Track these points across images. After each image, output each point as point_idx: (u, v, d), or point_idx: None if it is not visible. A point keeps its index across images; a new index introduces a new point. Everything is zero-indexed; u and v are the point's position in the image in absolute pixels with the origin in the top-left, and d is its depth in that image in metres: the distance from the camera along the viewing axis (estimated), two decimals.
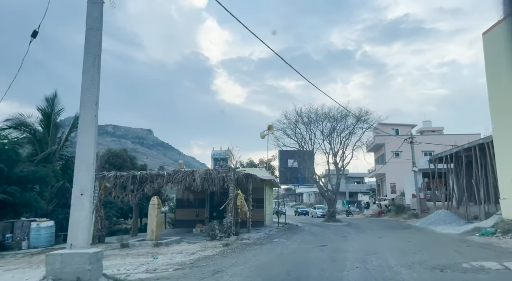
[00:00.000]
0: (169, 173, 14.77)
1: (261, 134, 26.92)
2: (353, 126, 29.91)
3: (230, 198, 14.56)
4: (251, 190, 18.93)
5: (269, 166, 30.88)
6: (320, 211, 50.19)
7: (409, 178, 33.44)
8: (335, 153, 31.19)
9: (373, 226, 23.64)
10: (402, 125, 43.21)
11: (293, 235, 16.03)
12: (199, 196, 22.14)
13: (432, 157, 25.73)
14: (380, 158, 44.56)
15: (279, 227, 22.04)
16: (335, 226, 23.69)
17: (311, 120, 30.47)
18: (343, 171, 30.86)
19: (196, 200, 22.07)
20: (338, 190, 31.44)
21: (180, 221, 22.48)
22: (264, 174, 22.68)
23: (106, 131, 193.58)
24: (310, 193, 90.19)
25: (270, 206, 25.72)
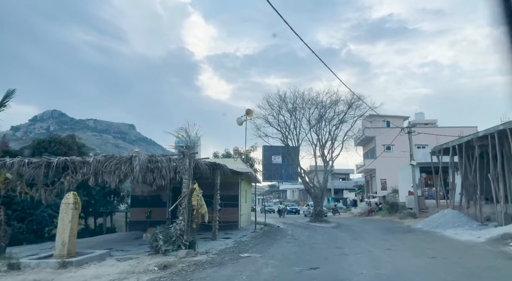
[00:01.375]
0: (98, 160, 10.36)
1: (238, 120, 22.68)
2: (344, 114, 25.94)
3: (183, 195, 10.28)
4: (220, 185, 14.74)
5: (248, 157, 26.64)
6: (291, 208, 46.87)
7: (403, 173, 29.74)
8: (322, 145, 27.20)
9: (368, 228, 19.72)
10: (394, 117, 39.62)
11: (271, 245, 11.86)
12: (159, 192, 17.83)
13: (435, 148, 21.98)
14: (370, 152, 40.92)
15: (256, 230, 17.87)
16: (324, 229, 19.67)
17: (296, 107, 26.36)
18: (332, 165, 26.92)
19: (153, 197, 17.70)
20: (326, 186, 27.46)
21: (136, 223, 18.06)
22: (239, 166, 18.47)
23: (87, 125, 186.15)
24: (294, 190, 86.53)
25: (247, 205, 21.54)
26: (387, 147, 37.34)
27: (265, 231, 17.79)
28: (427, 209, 25.00)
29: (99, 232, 22.15)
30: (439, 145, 21.58)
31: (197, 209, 10.24)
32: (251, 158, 26.43)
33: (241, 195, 18.99)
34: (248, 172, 18.01)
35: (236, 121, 22.69)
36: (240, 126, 22.76)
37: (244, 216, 19.98)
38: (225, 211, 18.05)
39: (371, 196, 37.92)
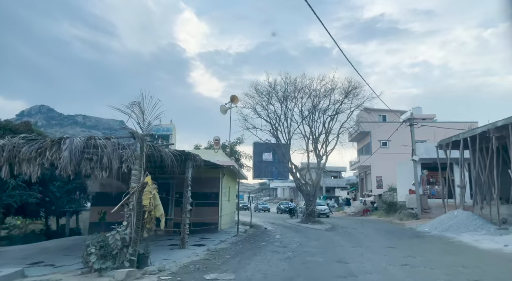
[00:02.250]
0: (13, 144, 7.46)
1: (221, 108, 19.81)
2: (340, 103, 23.26)
3: (131, 192, 7.44)
4: (196, 181, 11.98)
5: (233, 151, 23.79)
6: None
7: (403, 170, 27.26)
8: (316, 138, 24.52)
9: (367, 231, 17.10)
10: (390, 111, 37.10)
11: (251, 258, 9.08)
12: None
13: (442, 141, 19.45)
14: (365, 148, 38.45)
15: (239, 233, 15.10)
16: (317, 232, 16.99)
17: (287, 96, 23.61)
18: (326, 160, 24.28)
19: (119, 194, 14.76)
20: (319, 184, 24.80)
21: (95, 224, 15.12)
22: (221, 159, 15.67)
23: (76, 121, 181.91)
24: (285, 188, 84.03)
25: (230, 203, 18.75)
26: (383, 142, 34.95)
27: (249, 235, 15.02)
28: (430, 209, 22.54)
29: (61, 234, 19.15)
30: (447, 138, 19.05)
31: (150, 210, 7.42)
32: (237, 152, 23.65)
33: (222, 193, 16.20)
34: (230, 165, 15.22)
35: (220, 109, 19.83)
36: (224, 114, 19.91)
37: (226, 216, 17.20)
38: (202, 211, 15.32)
39: (366, 195, 35.45)
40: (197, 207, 15.32)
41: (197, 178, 15.71)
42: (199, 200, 15.36)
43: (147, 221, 7.49)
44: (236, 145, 23.20)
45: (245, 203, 57.43)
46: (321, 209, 30.42)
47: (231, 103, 19.83)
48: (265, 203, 55.14)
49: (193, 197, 15.54)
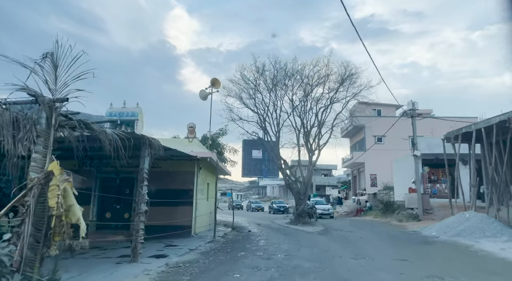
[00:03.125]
0: None
1: (201, 93, 17.21)
2: (334, 91, 20.83)
3: (28, 186, 4.81)
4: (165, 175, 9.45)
5: (215, 143, 21.16)
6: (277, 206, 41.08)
7: (400, 166, 25.02)
8: (307, 131, 22.07)
9: (367, 235, 14.70)
10: (385, 105, 34.96)
11: (220, 279, 6.53)
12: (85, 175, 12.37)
13: (450, 133, 17.15)
14: (359, 144, 36.19)
15: (216, 239, 12.51)
16: (308, 236, 14.50)
17: (277, 82, 21.08)
18: (318, 155, 21.83)
19: None
20: (311, 181, 22.36)
21: None
22: (196, 149, 13.06)
23: None
24: (274, 186, 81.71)
25: (209, 203, 16.13)
26: (378, 138, 32.71)
27: (227, 241, 12.44)
28: (432, 210, 20.27)
29: None
30: (455, 130, 16.75)
31: (60, 215, 4.80)
32: (220, 144, 21.05)
33: (198, 190, 13.60)
34: (207, 158, 12.63)
35: (199, 95, 17.22)
36: (204, 100, 17.31)
37: (203, 218, 14.61)
38: (173, 212, 12.75)
39: (359, 193, 33.19)
40: (167, 207, 12.78)
41: (167, 172, 13.13)
42: (170, 198, 12.80)
43: (56, 230, 4.86)
44: (218, 136, 20.63)
45: (238, 202, 53.97)
46: (324, 209, 26.47)
47: (212, 88, 17.25)
48: (259, 202, 50.44)
49: (162, 195, 12.96)
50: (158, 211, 12.78)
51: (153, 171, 13.03)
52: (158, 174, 12.95)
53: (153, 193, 12.99)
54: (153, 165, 13.00)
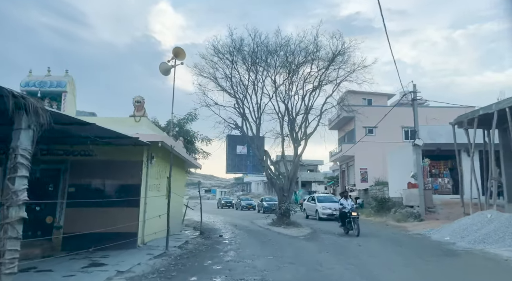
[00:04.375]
0: None
1: (161, 67, 13.80)
2: (324, 70, 17.68)
3: None
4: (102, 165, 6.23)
5: (183, 130, 17.59)
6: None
7: (396, 159, 22.17)
8: (292, 119, 18.92)
9: (366, 241, 11.62)
10: (376, 94, 32.17)
11: None
12: None
13: (462, 117, 14.26)
14: (348, 136, 33.31)
15: (169, 250, 9.17)
16: (293, 244, 11.30)
17: (257, 60, 17.81)
18: (305, 145, 18.67)
19: None
20: (296, 175, 19.24)
21: None
22: (144, 131, 9.68)
23: None
24: (259, 182, 78.63)
25: (163, 202, 12.69)
26: (369, 129, 29.88)
27: (184, 254, 9.14)
28: (435, 207, 17.44)
29: None
30: (470, 112, 13.86)
31: None
32: (190, 132, 17.60)
33: (148, 186, 10.23)
34: (158, 142, 9.28)
35: (159, 69, 13.82)
36: (166, 75, 13.92)
37: (158, 222, 11.24)
38: (113, 214, 9.43)
39: (348, 189, 30.28)
40: (103, 208, 9.44)
41: (104, 162, 9.74)
42: (107, 196, 9.45)
43: None
44: (187, 122, 17.21)
45: (227, 199, 48.05)
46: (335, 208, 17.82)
47: (176, 60, 13.87)
48: (249, 199, 42.94)
49: (97, 193, 9.62)
50: (89, 214, 9.43)
51: (84, 160, 9.68)
52: (92, 164, 9.60)
53: (84, 190, 9.64)
54: (85, 153, 9.66)
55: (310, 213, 21.95)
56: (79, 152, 9.61)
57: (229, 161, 37.76)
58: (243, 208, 36.47)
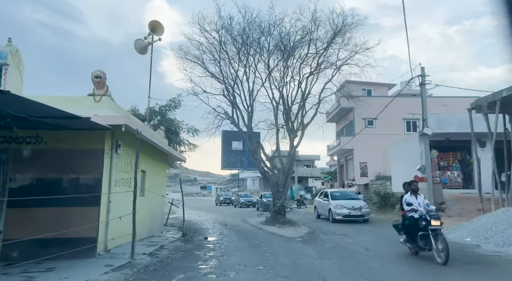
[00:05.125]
0: None
1: (137, 44, 11.92)
2: (323, 50, 15.82)
3: None
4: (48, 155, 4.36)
5: (165, 118, 15.60)
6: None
7: (399, 151, 20.47)
8: (288, 107, 17.11)
9: (374, 244, 9.88)
10: (376, 84, 30.37)
11: None
12: None
13: (481, 100, 12.49)
14: (346, 128, 31.58)
15: (135, 260, 7.36)
16: (288, 249, 9.47)
17: (248, 41, 15.94)
18: (302, 135, 16.89)
19: None
20: (292, 169, 17.44)
21: None
22: (105, 113, 7.80)
23: None
24: (255, 179, 76.85)
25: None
26: (368, 121, 28.17)
27: (153, 263, 7.31)
28: (445, 203, 15.73)
29: None
30: (491, 95, 12.08)
31: None
32: (173, 121, 15.68)
33: (112, 180, 8.37)
34: (121, 125, 7.42)
35: (135, 47, 11.93)
36: (142, 54, 12.03)
37: (127, 224, 9.41)
38: (62, 216, 7.61)
39: (347, 184, 28.61)
40: (53, 208, 7.62)
41: (56, 151, 7.89)
42: (61, 193, 7.59)
43: None
44: (169, 110, 15.29)
45: (227, 196, 43.94)
46: (353, 207, 15.75)
47: (153, 35, 11.97)
48: (249, 195, 39.23)
49: (48, 189, 7.79)
50: (37, 215, 7.58)
51: (29, 149, 7.81)
52: (41, 154, 7.73)
53: (29, 186, 7.79)
54: (31, 140, 7.79)
55: (322, 212, 17.87)
56: (24, 138, 7.73)
57: (224, 157, 36.17)
58: (242, 205, 33.57)
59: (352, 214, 15.60)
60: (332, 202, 16.65)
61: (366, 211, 16.08)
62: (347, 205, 15.94)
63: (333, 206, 16.29)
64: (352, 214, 15.61)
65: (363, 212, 15.92)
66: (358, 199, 17.19)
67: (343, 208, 15.86)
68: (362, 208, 15.96)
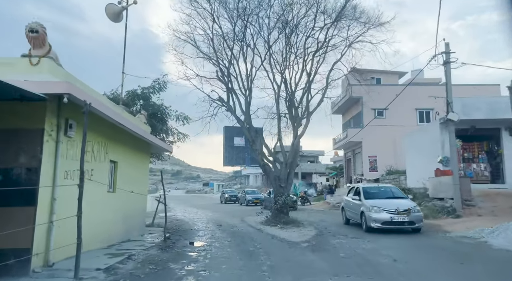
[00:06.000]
0: None
1: (108, 10, 9.82)
2: (330, 24, 13.62)
3: None
4: None
5: (147, 102, 13.24)
6: None
7: (415, 142, 18.27)
8: (291, 92, 14.96)
9: (401, 253, 7.74)
10: (386, 72, 28.09)
11: None
12: None
13: None
14: (354, 120, 29.34)
15: (82, 278, 5.27)
16: (293, 257, 7.35)
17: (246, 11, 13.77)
18: (307, 123, 14.73)
19: None
20: (296, 161, 15.28)
21: None
22: (47, 78, 5.70)
23: None
24: (257, 175, 74.86)
25: (101, 197, 8.71)
26: (378, 112, 25.91)
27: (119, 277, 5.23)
28: (473, 200, 13.54)
29: None
30: None
31: None
32: (159, 106, 13.50)
33: (59, 172, 6.26)
34: (63, 95, 5.32)
35: (106, 13, 9.82)
36: (116, 22, 9.95)
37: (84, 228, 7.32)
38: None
39: (355, 180, 26.42)
40: None
41: None
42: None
43: None
44: (153, 92, 13.11)
45: (233, 193, 39.50)
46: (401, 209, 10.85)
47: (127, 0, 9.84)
48: (257, 192, 34.55)
49: None
50: None
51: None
52: None
53: None
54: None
55: (352, 216, 12.85)
56: None
57: (226, 153, 34.22)
58: (248, 203, 29.33)
59: (396, 220, 10.66)
60: (365, 202, 11.59)
61: (418, 215, 10.93)
62: (389, 207, 10.94)
63: (367, 208, 11.27)
64: (396, 220, 10.67)
65: (414, 217, 10.75)
66: (405, 198, 12.10)
67: (382, 212, 10.88)
68: (412, 211, 10.82)
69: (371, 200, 11.63)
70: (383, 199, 11.68)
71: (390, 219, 10.67)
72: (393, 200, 11.68)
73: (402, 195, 12.30)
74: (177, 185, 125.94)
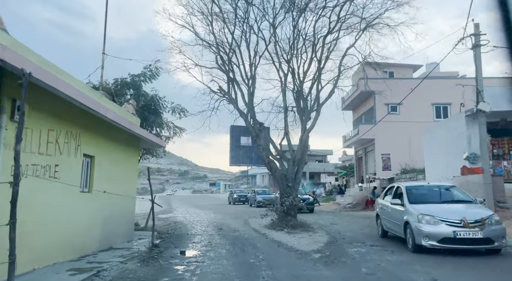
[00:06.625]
0: None
1: None
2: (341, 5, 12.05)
3: None
4: None
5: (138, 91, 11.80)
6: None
7: (435, 137, 16.55)
8: (299, 83, 13.42)
9: (438, 270, 6.15)
10: (399, 65, 26.31)
11: None
12: None
13: None
14: (365, 116, 27.65)
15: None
16: (302, 270, 5.81)
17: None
18: (318, 114, 13.15)
19: None
20: (305, 158, 13.71)
21: None
22: None
23: None
24: (264, 175, 73.40)
25: (70, 199, 7.25)
26: (392, 107, 24.19)
27: None
28: (507, 201, 11.82)
29: None
30: None
31: None
32: (152, 97, 12.07)
33: (6, 167, 4.84)
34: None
35: None
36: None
37: (47, 235, 5.89)
38: None
39: (367, 179, 24.73)
40: None
41: None
42: None
43: None
44: (144, 81, 11.66)
45: (241, 193, 37.36)
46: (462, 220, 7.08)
47: None
48: (268, 192, 31.19)
49: None
50: None
51: None
52: None
53: None
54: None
55: (392, 227, 9.03)
56: None
57: (233, 153, 33.19)
58: (259, 204, 26.38)
59: (462, 237, 6.98)
60: (411, 207, 7.95)
61: (497, 229, 7.21)
62: (450, 216, 7.31)
63: (414, 218, 7.57)
64: (463, 237, 6.98)
65: (491, 232, 7.07)
66: (473, 202, 8.30)
67: (439, 223, 7.23)
68: (488, 223, 7.11)
69: (420, 205, 7.90)
70: (439, 204, 8.01)
71: (452, 234, 6.97)
72: (454, 205, 8.04)
73: (468, 198, 8.42)
74: (184, 185, 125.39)
